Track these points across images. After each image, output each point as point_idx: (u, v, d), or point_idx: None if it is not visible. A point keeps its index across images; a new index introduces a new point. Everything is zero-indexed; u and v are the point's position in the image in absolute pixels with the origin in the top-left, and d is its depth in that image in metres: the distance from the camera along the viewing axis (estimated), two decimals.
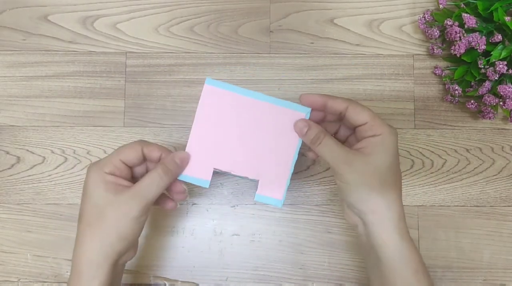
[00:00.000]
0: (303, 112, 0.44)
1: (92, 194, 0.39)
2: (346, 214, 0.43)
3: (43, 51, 0.58)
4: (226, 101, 0.44)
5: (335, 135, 0.45)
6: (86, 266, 0.38)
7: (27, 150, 0.57)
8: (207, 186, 0.44)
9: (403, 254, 0.39)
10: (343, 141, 0.45)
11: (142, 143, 0.42)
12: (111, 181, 0.39)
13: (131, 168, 0.42)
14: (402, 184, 0.56)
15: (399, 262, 0.39)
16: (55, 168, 0.57)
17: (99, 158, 0.57)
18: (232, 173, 0.44)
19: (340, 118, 0.42)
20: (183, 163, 0.42)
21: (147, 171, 0.43)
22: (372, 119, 0.40)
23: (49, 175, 0.57)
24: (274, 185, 0.44)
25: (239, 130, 0.44)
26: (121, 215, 0.38)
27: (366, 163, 0.39)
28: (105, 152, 0.57)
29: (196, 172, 0.44)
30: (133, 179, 0.43)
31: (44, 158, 0.57)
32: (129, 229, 0.38)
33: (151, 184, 0.39)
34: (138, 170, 0.43)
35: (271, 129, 0.44)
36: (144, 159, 0.43)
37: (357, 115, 0.40)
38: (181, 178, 0.44)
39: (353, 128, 0.42)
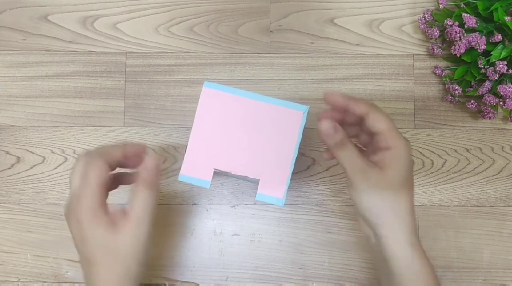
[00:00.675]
0: (301, 111, 0.44)
1: (93, 237, 0.38)
2: (360, 225, 0.43)
3: (43, 51, 0.58)
4: (225, 103, 0.45)
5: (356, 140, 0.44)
6: None
7: (27, 150, 0.57)
8: (208, 187, 0.44)
9: (414, 268, 0.39)
10: (363, 148, 0.44)
11: (102, 154, 0.39)
12: (105, 220, 0.38)
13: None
14: None
15: (410, 275, 0.39)
16: (55, 168, 0.57)
17: None
18: (232, 173, 0.44)
19: (360, 122, 0.41)
20: (159, 168, 0.41)
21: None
22: (388, 130, 0.39)
23: (49, 175, 0.57)
24: (275, 184, 0.44)
25: (238, 131, 0.45)
26: (133, 244, 0.38)
27: (381, 176, 0.39)
28: None
29: (197, 172, 0.44)
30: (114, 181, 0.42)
31: (44, 158, 0.57)
32: (142, 253, 0.39)
33: (144, 206, 0.39)
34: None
35: (269, 129, 0.45)
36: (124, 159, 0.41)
37: (375, 123, 0.39)
38: (181, 178, 0.44)
39: (371, 135, 0.41)
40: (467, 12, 0.53)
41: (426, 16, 0.57)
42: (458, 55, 0.54)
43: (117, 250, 0.38)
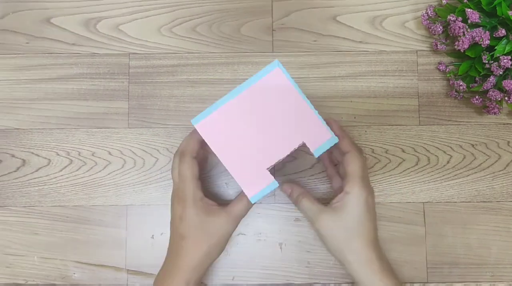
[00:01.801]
0: (275, 67, 0.45)
1: (191, 218, 0.45)
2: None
3: (47, 54, 0.58)
4: (222, 120, 0.45)
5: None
6: (187, 270, 0.45)
7: (32, 153, 0.57)
8: (277, 184, 0.45)
9: None
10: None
11: (185, 153, 0.47)
12: (204, 206, 0.46)
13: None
14: (407, 180, 0.57)
15: None
16: (61, 170, 0.57)
17: (104, 159, 0.57)
18: (281, 158, 0.45)
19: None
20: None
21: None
22: (351, 174, 0.47)
23: (55, 177, 0.57)
24: (316, 133, 0.45)
25: (253, 128, 0.45)
26: (221, 233, 0.46)
27: (335, 218, 0.47)
28: (110, 153, 0.57)
29: (259, 185, 0.45)
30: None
31: (50, 160, 0.57)
32: (223, 241, 0.47)
33: (245, 208, 0.47)
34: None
35: (270, 103, 0.45)
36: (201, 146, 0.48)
37: (347, 163, 0.47)
38: (253, 200, 0.45)
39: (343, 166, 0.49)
40: (470, 7, 0.53)
41: (429, 12, 0.57)
42: (462, 51, 0.54)
43: (208, 231, 0.45)
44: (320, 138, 0.45)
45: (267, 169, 0.45)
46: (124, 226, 0.57)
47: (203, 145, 0.48)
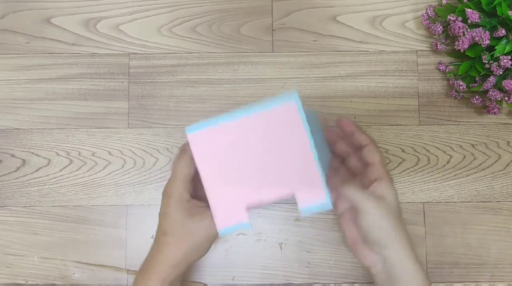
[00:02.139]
0: (293, 101, 0.40)
1: (173, 216, 0.44)
2: (361, 255, 0.47)
3: (47, 54, 0.58)
4: (217, 137, 0.41)
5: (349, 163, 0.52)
6: (165, 266, 0.44)
7: (32, 153, 0.57)
8: (251, 228, 0.43)
9: (419, 280, 0.45)
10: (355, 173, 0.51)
11: (186, 150, 0.45)
12: (189, 207, 0.44)
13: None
14: (407, 180, 0.57)
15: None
16: (61, 170, 0.57)
17: (104, 159, 0.57)
18: (265, 202, 0.41)
19: (358, 150, 0.49)
20: None
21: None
22: (376, 164, 0.47)
23: (55, 177, 0.57)
24: (311, 189, 0.41)
25: (246, 158, 0.41)
26: (202, 234, 0.44)
27: (383, 205, 0.45)
28: (110, 153, 0.57)
29: (232, 220, 0.42)
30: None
31: (50, 160, 0.57)
32: (206, 243, 0.45)
33: None
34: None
35: (274, 138, 0.41)
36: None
37: (370, 154, 0.47)
38: (221, 234, 0.43)
39: (364, 165, 0.49)
40: (470, 7, 0.53)
41: (429, 12, 0.57)
42: (462, 51, 0.54)
43: (190, 231, 0.44)
44: (313, 198, 0.41)
45: (247, 207, 0.42)
46: (124, 226, 0.57)
47: None
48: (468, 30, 0.53)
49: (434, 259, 0.56)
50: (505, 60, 0.51)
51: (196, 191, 0.46)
